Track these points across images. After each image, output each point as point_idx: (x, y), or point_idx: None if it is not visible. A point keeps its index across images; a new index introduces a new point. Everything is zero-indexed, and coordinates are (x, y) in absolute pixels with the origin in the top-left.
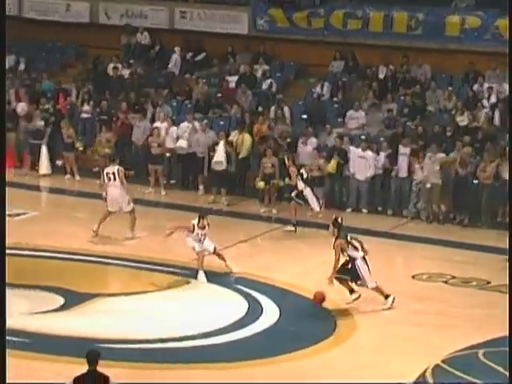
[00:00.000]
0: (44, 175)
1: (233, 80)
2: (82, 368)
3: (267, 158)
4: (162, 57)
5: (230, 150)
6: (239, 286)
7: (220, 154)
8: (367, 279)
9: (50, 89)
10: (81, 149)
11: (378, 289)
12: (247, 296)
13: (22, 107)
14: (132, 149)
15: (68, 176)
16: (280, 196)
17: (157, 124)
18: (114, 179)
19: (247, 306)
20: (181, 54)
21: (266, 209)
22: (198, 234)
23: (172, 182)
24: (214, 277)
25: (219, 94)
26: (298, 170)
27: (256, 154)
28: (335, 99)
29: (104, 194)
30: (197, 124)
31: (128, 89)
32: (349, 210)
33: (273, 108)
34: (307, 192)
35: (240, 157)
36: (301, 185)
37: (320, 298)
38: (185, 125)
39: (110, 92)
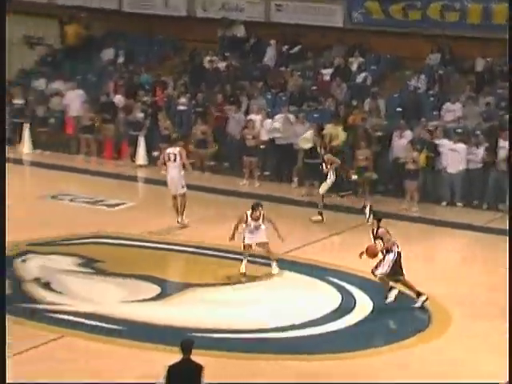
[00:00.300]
0: (141, 166)
1: (328, 73)
2: (175, 356)
3: (361, 151)
4: (258, 50)
5: (316, 139)
6: (332, 279)
7: (308, 134)
8: (384, 266)
9: (148, 81)
10: (177, 140)
11: (382, 279)
12: (340, 288)
13: (119, 99)
14: (227, 141)
15: (164, 167)
16: (373, 189)
17: (251, 116)
18: (175, 160)
19: (340, 298)
20: (276, 47)
21: (360, 201)
22: (251, 225)
23: (266, 173)
24: (307, 268)
25: (314, 87)
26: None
27: (350, 147)
28: (431, 92)
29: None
30: (291, 116)
31: (223, 81)
32: (444, 203)
33: (367, 101)
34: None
35: (334, 149)
36: (330, 176)
37: (371, 252)
38: (279, 117)
39: (205, 84)
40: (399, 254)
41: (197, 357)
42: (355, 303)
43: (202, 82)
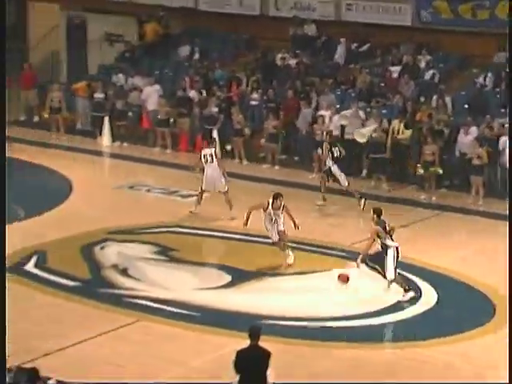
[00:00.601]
0: None
1: (396, 70)
2: (245, 342)
3: (428, 146)
4: (328, 47)
5: (381, 135)
6: (398, 270)
7: (366, 129)
8: (389, 270)
9: (222, 77)
10: (249, 134)
11: (396, 281)
12: (405, 279)
13: (194, 94)
14: (297, 135)
15: (236, 160)
16: (439, 183)
17: (321, 112)
18: (212, 161)
19: None
20: (346, 45)
21: (425, 195)
22: (270, 214)
23: None
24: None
25: (382, 84)
26: (330, 149)
27: (416, 142)
28: (497, 90)
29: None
30: (361, 112)
31: (294, 78)
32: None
33: (434, 97)
34: (335, 169)
35: (399, 144)
36: (329, 162)
37: (344, 279)
38: (348, 112)
39: (277, 81)
40: (397, 248)
41: (265, 343)
42: (420, 294)
43: (273, 79)
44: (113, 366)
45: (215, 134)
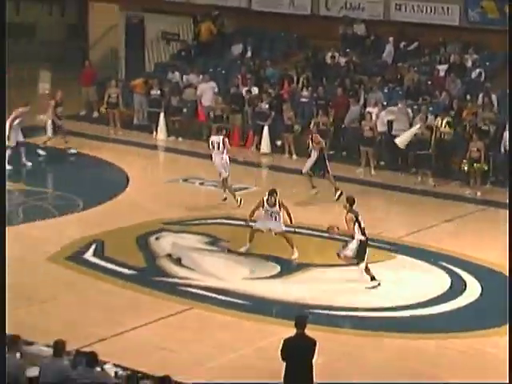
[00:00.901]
0: (265, 154)
1: (443, 69)
2: (292, 331)
3: (474, 143)
4: (377, 46)
5: (426, 132)
6: (443, 263)
7: (407, 133)
8: (348, 253)
9: (273, 75)
10: (299, 130)
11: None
12: (450, 272)
13: (246, 91)
14: (345, 131)
15: (286, 155)
16: (484, 179)
17: (369, 109)
18: (218, 148)
19: (450, 282)
20: (394, 44)
21: (470, 191)
22: (267, 211)
23: (381, 163)
24: (419, 253)
25: (429, 82)
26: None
27: (461, 139)
28: None
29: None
30: (408, 110)
31: (343, 76)
32: None
33: (480, 96)
34: (312, 157)
35: (443, 141)
36: (314, 154)
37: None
38: (395, 108)
39: (326, 78)
40: (362, 241)
41: (312, 332)
42: (465, 287)
43: (323, 77)
44: (166, 352)
45: (266, 130)
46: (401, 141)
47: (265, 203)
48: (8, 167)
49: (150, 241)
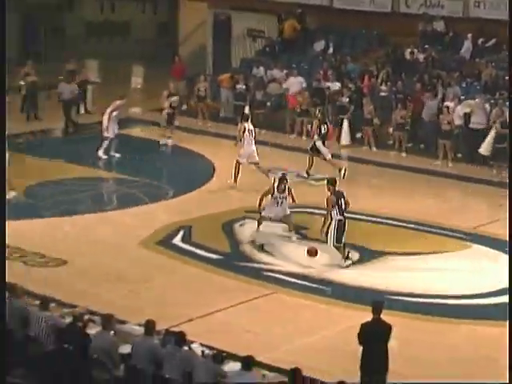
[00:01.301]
0: (345, 146)
1: None
2: (369, 315)
3: None
4: (455, 43)
5: (503, 132)
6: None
7: (488, 140)
8: (329, 240)
9: (354, 70)
10: (378, 124)
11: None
12: None
13: (327, 86)
14: (423, 125)
15: (365, 147)
16: None
17: (447, 103)
18: (249, 135)
19: None
20: (472, 40)
21: None
22: (275, 198)
23: (458, 155)
24: (493, 242)
25: (507, 77)
26: (319, 126)
27: None
28: None
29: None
30: (486, 105)
31: (422, 71)
32: None
33: None
34: (319, 144)
35: None
36: (316, 137)
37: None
38: (471, 102)
39: (405, 74)
40: (340, 221)
41: (388, 317)
42: None
43: (402, 72)
44: (250, 334)
45: (346, 123)
46: (485, 149)
47: (275, 190)
48: (116, 155)
49: (234, 228)
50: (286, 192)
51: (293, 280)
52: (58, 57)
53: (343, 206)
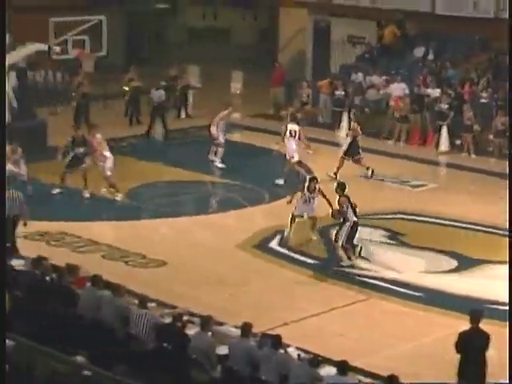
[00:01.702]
0: (443, 152)
1: None
2: (467, 324)
3: None
4: None
5: None
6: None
7: None
8: (340, 238)
9: (454, 76)
10: (478, 130)
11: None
12: None
13: (427, 92)
14: None
15: (464, 154)
16: None
17: None
18: (295, 136)
19: None
20: None
21: None
22: (305, 195)
23: None
24: None
25: None
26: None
27: None
28: None
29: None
30: None
31: None
32: None
33: None
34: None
35: None
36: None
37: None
38: None
39: (507, 81)
40: (355, 223)
41: (486, 326)
42: None
43: (504, 79)
44: (345, 339)
45: (445, 129)
46: None
47: (305, 190)
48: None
49: (331, 233)
50: (316, 192)
51: (389, 286)
52: (160, 62)
53: (355, 208)
